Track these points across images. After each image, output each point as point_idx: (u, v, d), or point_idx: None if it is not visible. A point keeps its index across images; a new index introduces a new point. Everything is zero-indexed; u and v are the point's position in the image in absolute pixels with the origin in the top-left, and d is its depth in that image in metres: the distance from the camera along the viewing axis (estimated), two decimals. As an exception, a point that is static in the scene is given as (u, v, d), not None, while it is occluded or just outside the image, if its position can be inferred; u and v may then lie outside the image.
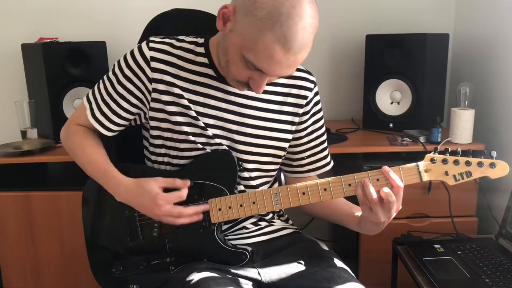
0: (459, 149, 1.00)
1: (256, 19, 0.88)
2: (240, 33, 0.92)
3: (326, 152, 1.23)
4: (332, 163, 1.24)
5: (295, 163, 1.22)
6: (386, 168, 0.98)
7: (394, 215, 0.99)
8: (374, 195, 0.96)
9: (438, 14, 2.06)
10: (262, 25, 0.88)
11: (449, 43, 1.86)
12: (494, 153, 1.00)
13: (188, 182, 1.05)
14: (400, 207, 0.98)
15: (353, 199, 1.04)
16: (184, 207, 1.03)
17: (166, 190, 1.04)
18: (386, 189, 0.96)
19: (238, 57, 0.94)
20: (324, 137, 1.22)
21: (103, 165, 1.09)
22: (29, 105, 1.73)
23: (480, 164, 0.98)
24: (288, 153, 1.19)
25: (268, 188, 1.20)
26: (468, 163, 0.99)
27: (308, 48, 0.92)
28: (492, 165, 0.98)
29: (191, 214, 1.03)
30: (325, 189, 1.01)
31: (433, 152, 1.00)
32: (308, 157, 1.21)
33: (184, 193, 1.04)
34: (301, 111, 1.15)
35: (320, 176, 1.21)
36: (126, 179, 1.07)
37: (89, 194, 1.16)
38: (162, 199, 1.02)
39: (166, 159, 1.13)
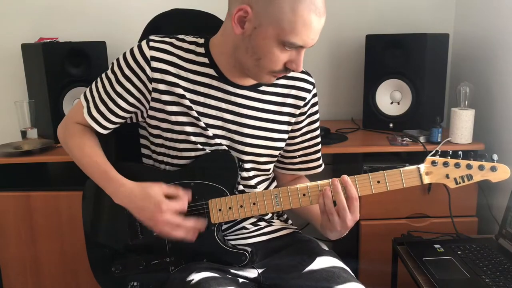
0: (460, 152, 1.00)
1: (282, 1, 0.91)
2: (271, 22, 0.93)
3: (318, 155, 1.24)
4: (323, 166, 1.25)
5: (286, 161, 1.23)
6: (345, 177, 1.00)
7: (351, 225, 1.01)
8: (332, 206, 0.99)
9: (438, 14, 2.06)
10: (292, 4, 0.91)
11: (449, 43, 1.86)
12: (495, 156, 0.99)
13: (190, 194, 1.05)
14: (358, 218, 1.01)
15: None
16: (183, 219, 1.02)
17: (167, 197, 1.03)
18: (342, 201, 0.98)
19: (275, 46, 0.95)
20: (318, 139, 1.22)
21: (103, 166, 1.08)
22: (29, 105, 1.72)
23: (481, 168, 0.98)
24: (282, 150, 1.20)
25: (267, 186, 1.20)
26: (469, 166, 0.99)
27: None
28: (493, 169, 0.98)
29: (188, 228, 1.03)
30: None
31: (431, 154, 1.00)
32: (300, 156, 1.22)
33: (185, 206, 1.04)
34: (298, 111, 1.15)
35: (319, 177, 1.21)
36: (128, 181, 1.06)
37: (89, 193, 1.16)
38: (166, 206, 1.01)
39: (165, 159, 1.13)
